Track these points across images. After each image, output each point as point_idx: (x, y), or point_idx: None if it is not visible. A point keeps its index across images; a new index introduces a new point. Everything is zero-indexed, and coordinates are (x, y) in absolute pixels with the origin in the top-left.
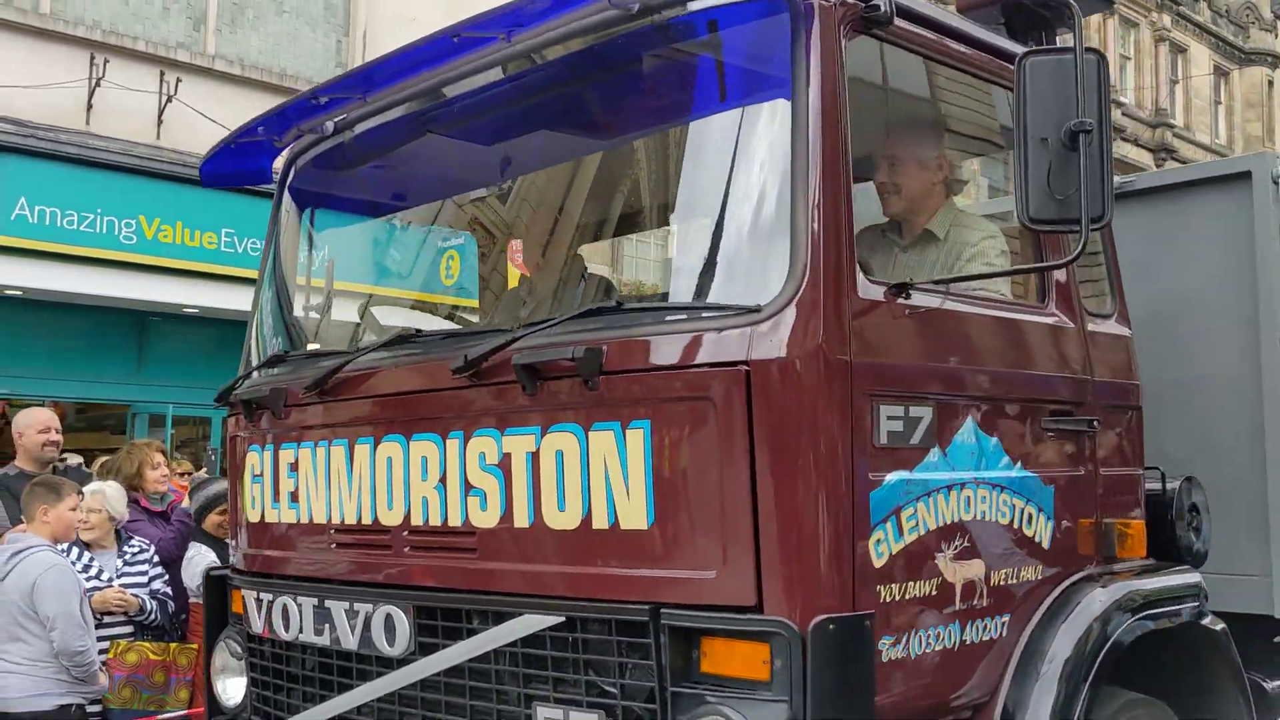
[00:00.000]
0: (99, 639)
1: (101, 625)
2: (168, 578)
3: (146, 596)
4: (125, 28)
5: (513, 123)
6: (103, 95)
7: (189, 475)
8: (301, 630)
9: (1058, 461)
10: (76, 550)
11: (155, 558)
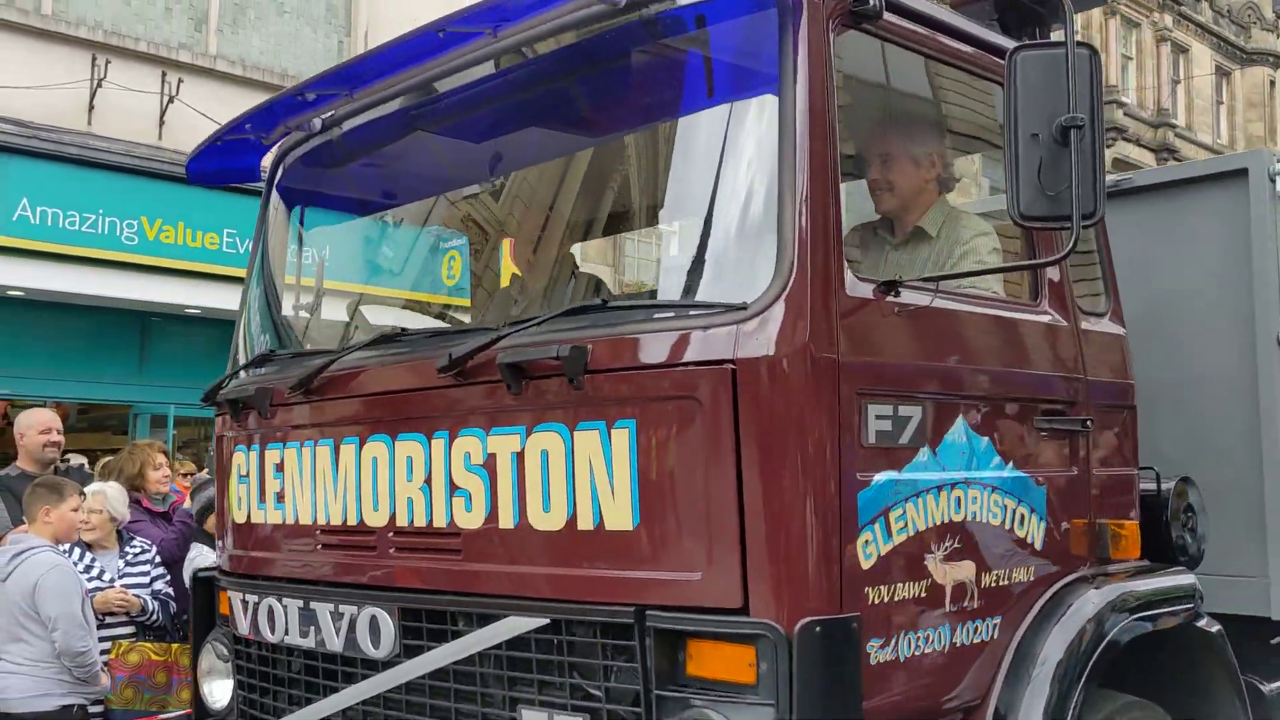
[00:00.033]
0: (101, 639)
1: (103, 626)
2: (169, 578)
3: (148, 597)
4: (127, 28)
5: (500, 120)
6: (104, 96)
7: (191, 476)
8: (287, 632)
9: (1050, 462)
10: (78, 551)
11: (157, 558)
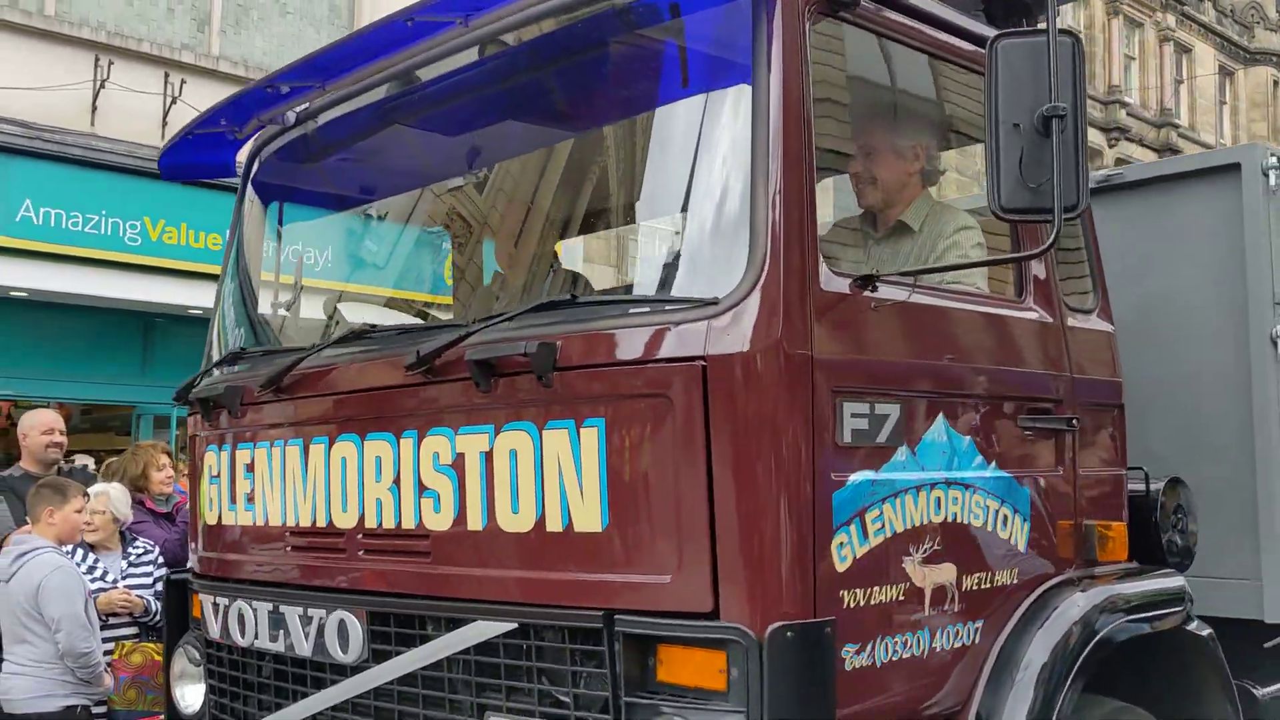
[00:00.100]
0: (104, 640)
1: (106, 626)
2: None
3: (151, 597)
4: (129, 29)
5: (473, 113)
6: (107, 97)
7: None
8: (257, 636)
9: (1035, 461)
10: (81, 552)
11: (160, 559)
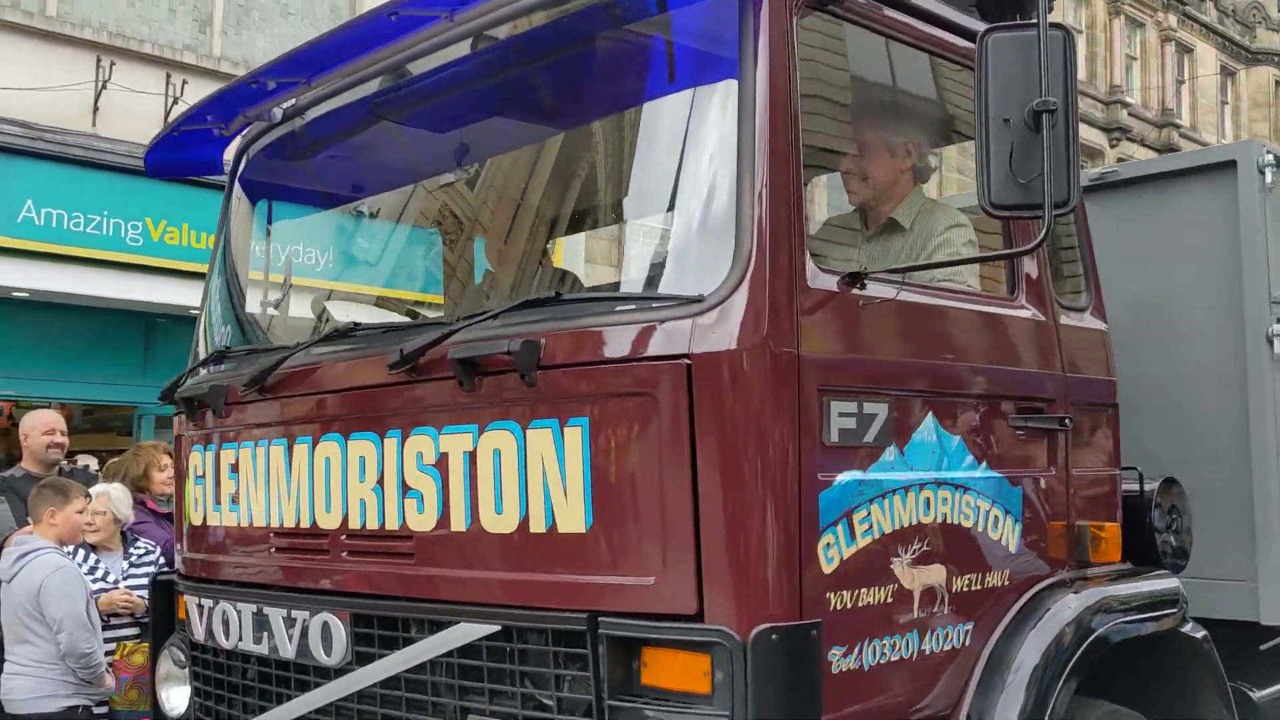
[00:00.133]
0: (105, 641)
1: (108, 627)
2: None
3: None
4: (131, 30)
5: (459, 108)
6: (109, 97)
7: None
8: (241, 638)
9: (1026, 461)
10: (83, 552)
11: (161, 559)
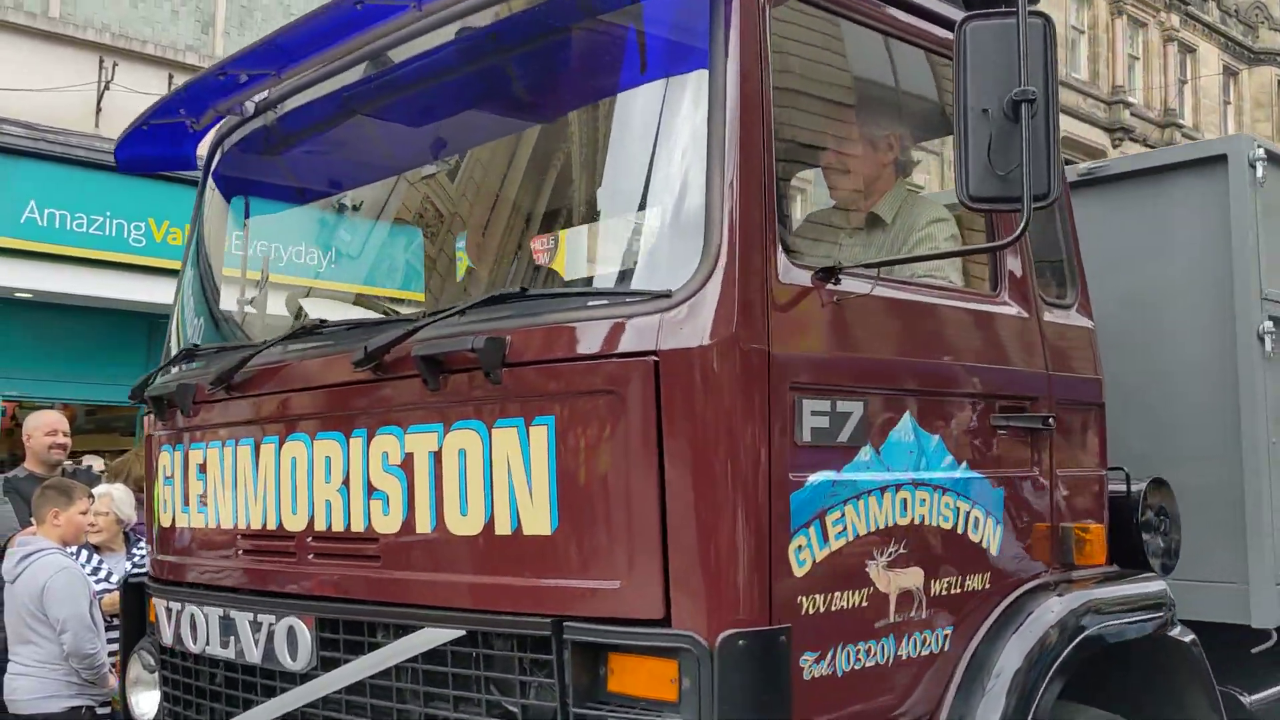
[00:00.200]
0: (108, 641)
1: (111, 627)
2: None
3: None
4: (134, 31)
5: (430, 101)
6: (111, 98)
7: None
8: (208, 642)
9: (1008, 461)
10: (86, 553)
11: None
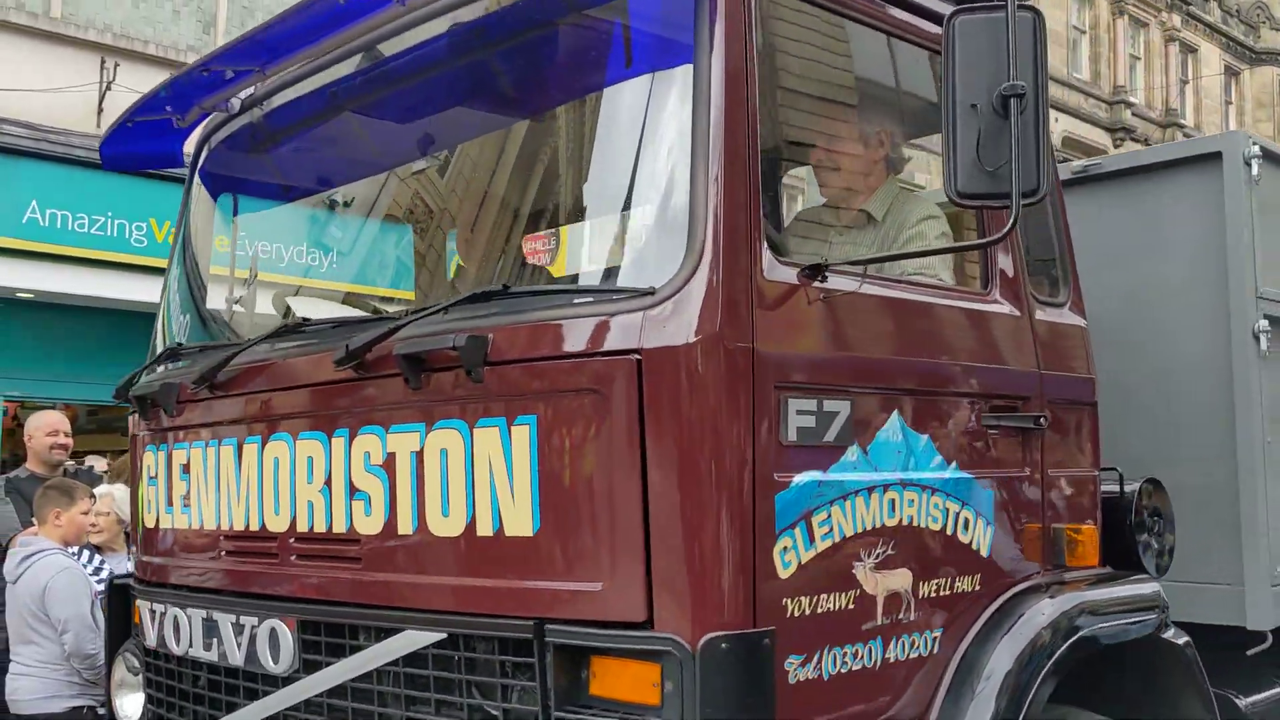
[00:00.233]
0: None
1: None
2: None
3: None
4: (136, 31)
5: (416, 97)
6: (113, 99)
7: None
8: (191, 644)
9: (999, 462)
10: (87, 553)
11: None
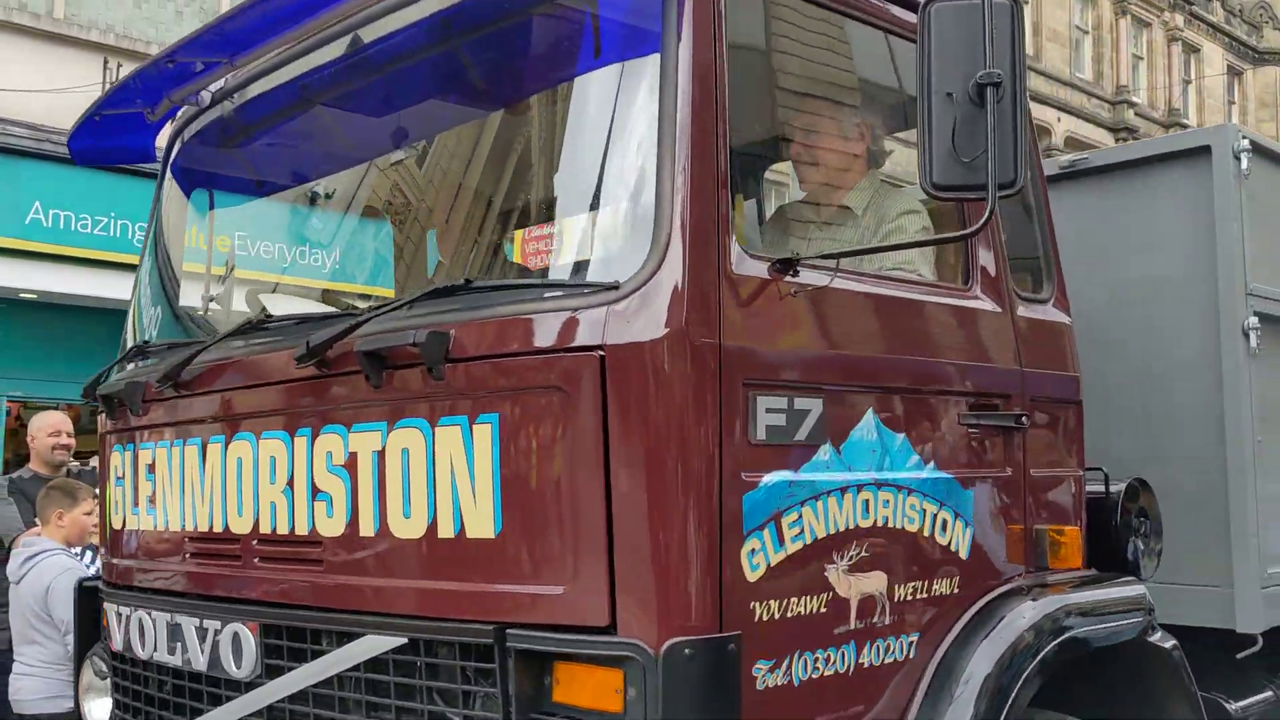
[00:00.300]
0: None
1: None
2: None
3: None
4: (138, 31)
5: (385, 89)
6: None
7: None
8: (155, 649)
9: (979, 461)
10: (90, 554)
11: None
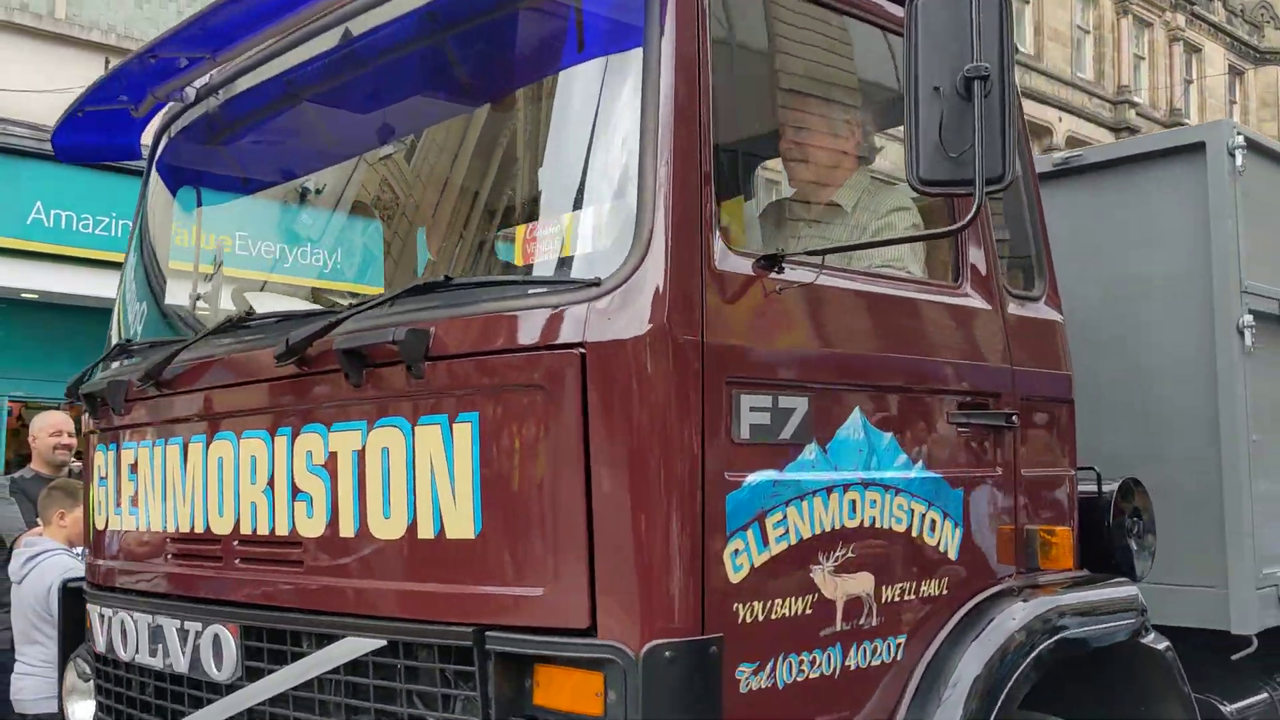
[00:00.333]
0: None
1: None
2: None
3: None
4: (139, 32)
5: (368, 85)
6: None
7: None
8: (138, 650)
9: (969, 461)
10: None
11: None
